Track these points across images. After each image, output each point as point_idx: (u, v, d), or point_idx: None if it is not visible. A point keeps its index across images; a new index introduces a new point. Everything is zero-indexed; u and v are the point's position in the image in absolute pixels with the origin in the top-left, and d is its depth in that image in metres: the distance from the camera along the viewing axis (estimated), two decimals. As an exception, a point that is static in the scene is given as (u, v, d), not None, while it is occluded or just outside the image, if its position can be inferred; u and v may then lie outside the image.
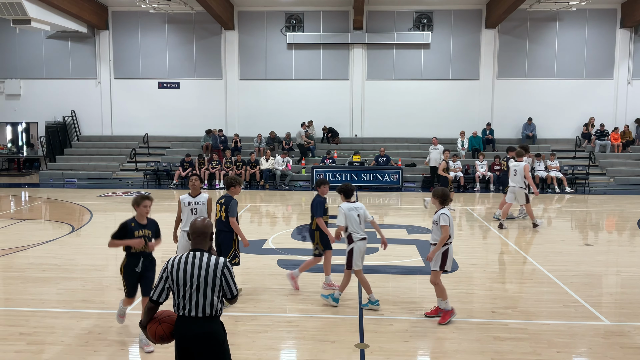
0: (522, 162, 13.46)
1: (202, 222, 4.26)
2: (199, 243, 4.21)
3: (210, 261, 4.09)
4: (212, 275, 4.04)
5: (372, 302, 7.56)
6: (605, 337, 6.66)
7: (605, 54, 24.50)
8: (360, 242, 7.60)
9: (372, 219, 7.85)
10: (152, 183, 22.33)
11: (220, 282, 4.07)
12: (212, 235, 4.29)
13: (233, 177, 8.47)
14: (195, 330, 4.04)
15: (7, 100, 26.25)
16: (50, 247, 11.29)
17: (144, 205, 6.83)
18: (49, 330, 6.74)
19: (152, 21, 25.44)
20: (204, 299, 4.04)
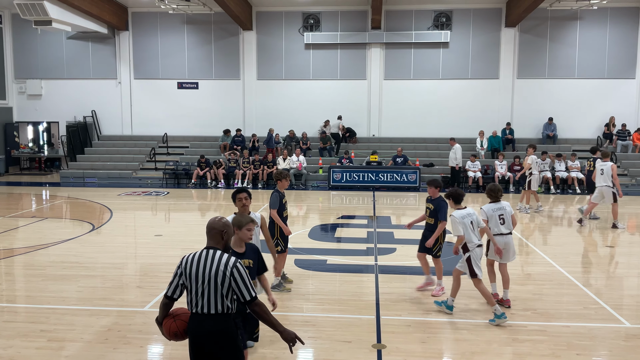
0: (608, 162, 13.79)
1: (217, 220, 4.24)
2: (213, 241, 4.20)
3: (222, 259, 4.05)
4: (221, 273, 4.01)
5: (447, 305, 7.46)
6: (626, 340, 6.57)
7: (627, 53, 24.13)
8: (477, 249, 7.35)
9: (485, 226, 7.64)
10: (171, 182, 22.50)
11: (229, 282, 4.02)
12: (225, 235, 4.21)
13: (279, 172, 8.51)
14: (207, 327, 4.05)
15: (29, 100, 26.64)
16: (71, 245, 11.43)
17: (247, 228, 5.25)
18: (69, 328, 6.83)
19: (171, 22, 25.63)
20: (215, 296, 4.02)
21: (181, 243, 11.39)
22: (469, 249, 7.30)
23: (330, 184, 21.40)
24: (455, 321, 7.14)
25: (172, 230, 13.35)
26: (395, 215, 15.47)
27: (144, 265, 9.96)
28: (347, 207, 17.52)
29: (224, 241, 4.21)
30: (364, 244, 11.71)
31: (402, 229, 13.43)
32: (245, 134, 24.68)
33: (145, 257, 10.65)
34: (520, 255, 10.74)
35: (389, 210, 16.51)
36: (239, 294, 4.03)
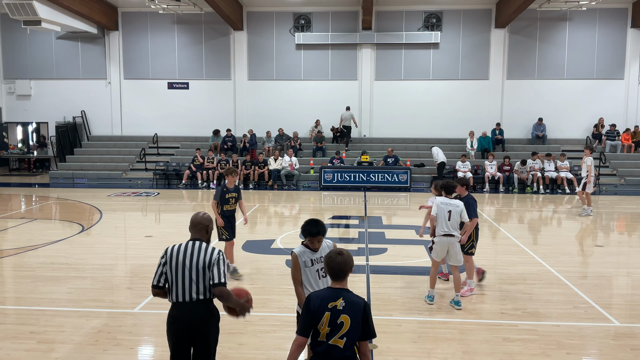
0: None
1: (202, 216, 4.65)
2: (197, 234, 4.59)
3: (208, 250, 4.44)
4: (208, 262, 4.38)
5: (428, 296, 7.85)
6: (616, 339, 6.62)
7: (616, 53, 24.32)
8: (443, 238, 7.72)
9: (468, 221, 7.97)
10: (162, 183, 22.41)
11: (208, 268, 4.38)
12: (208, 229, 4.62)
13: (227, 168, 9.03)
14: (196, 313, 4.37)
15: (18, 100, 26.45)
16: (61, 246, 11.36)
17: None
18: (58, 329, 6.78)
19: (161, 22, 25.54)
20: (197, 284, 4.36)
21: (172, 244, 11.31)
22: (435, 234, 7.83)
23: (322, 184, 21.40)
24: (447, 321, 7.16)
25: (162, 231, 13.30)
26: (386, 216, 15.50)
27: (134, 266, 9.92)
28: (339, 207, 17.53)
29: (208, 235, 4.63)
30: (355, 244, 11.71)
31: (393, 229, 13.48)
32: (236, 134, 24.64)
33: (136, 258, 10.60)
34: (511, 255, 10.80)
35: (380, 211, 16.53)
36: (212, 276, 4.37)
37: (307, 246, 4.95)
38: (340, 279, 3.84)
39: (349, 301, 3.75)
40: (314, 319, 3.74)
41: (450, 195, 7.94)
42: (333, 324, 3.71)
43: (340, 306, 3.73)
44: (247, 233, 13.03)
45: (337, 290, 3.82)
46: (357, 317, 3.72)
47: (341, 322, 3.70)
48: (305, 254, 4.95)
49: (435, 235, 7.86)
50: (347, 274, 3.85)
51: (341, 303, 3.74)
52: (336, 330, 3.71)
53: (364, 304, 3.77)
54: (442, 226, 7.73)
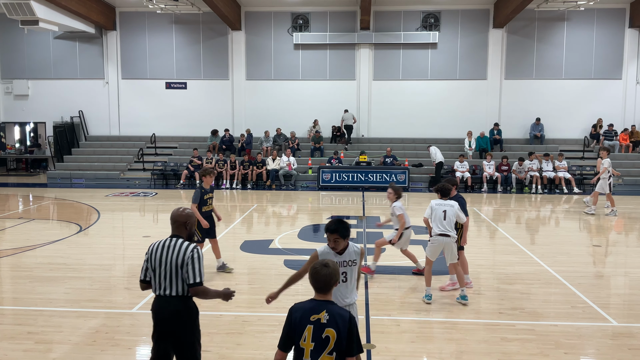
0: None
1: (181, 213, 4.65)
2: (177, 230, 4.62)
3: (183, 246, 4.48)
4: (181, 258, 4.42)
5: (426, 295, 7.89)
6: (613, 339, 6.62)
7: (614, 53, 24.37)
8: (438, 237, 7.82)
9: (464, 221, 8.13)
10: (160, 183, 22.40)
11: (183, 265, 4.41)
12: (188, 225, 4.63)
13: (204, 169, 9.12)
14: (169, 308, 4.43)
15: (16, 100, 26.41)
16: (58, 246, 11.34)
17: None
18: (56, 330, 6.77)
19: (159, 22, 25.52)
20: (176, 279, 4.43)
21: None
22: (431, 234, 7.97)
23: (320, 184, 21.40)
24: (445, 320, 7.17)
25: (160, 231, 13.27)
26: (384, 216, 15.48)
27: (132, 266, 9.90)
28: (337, 207, 17.53)
29: (187, 230, 4.64)
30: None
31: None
32: (234, 134, 24.63)
33: (133, 258, 10.58)
34: (509, 255, 10.80)
35: (378, 211, 16.53)
36: (188, 276, 4.40)
37: (333, 248, 4.81)
38: (325, 292, 3.66)
39: (334, 314, 3.56)
40: (294, 334, 3.57)
41: (446, 197, 8.03)
42: (317, 339, 3.51)
43: (324, 319, 3.53)
44: (245, 233, 13.03)
45: (321, 302, 3.63)
46: (344, 331, 3.52)
47: (327, 337, 3.51)
48: (328, 255, 4.76)
49: (432, 234, 7.93)
50: (332, 287, 3.68)
51: (325, 316, 3.54)
52: (323, 346, 3.51)
53: (350, 317, 3.60)
54: (437, 226, 7.81)
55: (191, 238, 4.67)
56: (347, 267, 4.81)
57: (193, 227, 4.69)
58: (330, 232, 4.76)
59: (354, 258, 4.83)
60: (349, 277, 4.83)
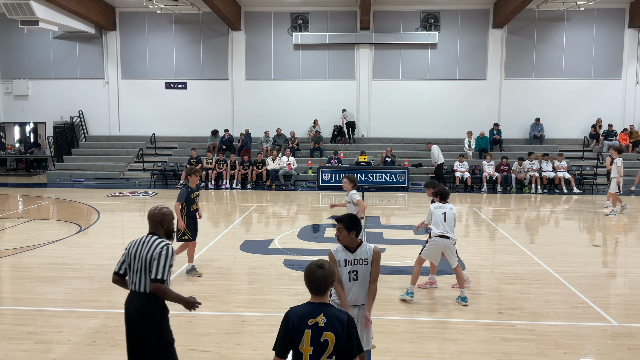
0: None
1: (156, 212, 4.67)
2: (153, 228, 4.64)
3: (155, 242, 4.50)
4: (151, 254, 4.43)
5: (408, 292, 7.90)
6: (613, 339, 6.62)
7: (613, 54, 24.37)
8: (437, 239, 7.82)
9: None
10: (159, 183, 22.40)
11: (151, 261, 4.43)
12: (164, 223, 4.64)
13: (190, 168, 9.26)
14: (136, 304, 4.46)
15: (15, 100, 26.41)
16: (58, 246, 11.34)
17: None
18: (56, 330, 6.77)
19: (159, 22, 25.52)
20: (145, 276, 4.44)
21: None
22: (430, 235, 7.99)
23: (320, 184, 21.40)
24: (444, 321, 7.17)
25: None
26: (384, 216, 15.50)
27: (132, 266, 9.89)
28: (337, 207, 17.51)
29: (164, 228, 4.65)
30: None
31: (391, 229, 13.49)
32: (234, 134, 24.63)
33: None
34: (508, 255, 10.81)
35: (378, 211, 16.53)
36: (151, 271, 4.40)
37: (346, 246, 4.86)
38: (321, 294, 3.58)
39: (332, 316, 3.49)
40: (292, 338, 3.49)
41: (445, 201, 8.09)
42: (316, 342, 3.45)
43: (322, 322, 3.47)
44: (245, 233, 13.04)
45: (318, 305, 3.56)
46: (343, 334, 3.47)
47: (325, 341, 3.45)
48: (341, 253, 4.85)
49: (431, 235, 7.96)
50: (328, 289, 3.60)
51: (322, 319, 3.48)
52: (321, 350, 3.46)
53: (348, 319, 3.53)
54: (438, 227, 7.83)
55: (170, 236, 4.68)
56: (359, 265, 4.83)
57: (171, 225, 4.69)
58: (337, 221, 4.86)
59: (366, 257, 4.83)
60: (360, 275, 4.84)
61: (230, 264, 10.03)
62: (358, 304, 4.87)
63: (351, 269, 4.79)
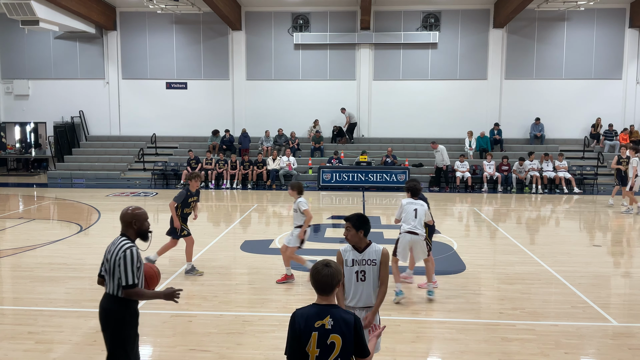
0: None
1: (127, 212, 4.57)
2: (124, 229, 4.55)
3: (120, 244, 4.41)
4: (115, 257, 4.34)
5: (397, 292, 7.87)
6: (614, 338, 6.62)
7: (614, 53, 24.36)
8: (406, 235, 7.83)
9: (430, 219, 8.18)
10: (160, 183, 22.40)
11: (115, 265, 4.34)
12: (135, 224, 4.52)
13: (190, 173, 9.33)
14: (102, 304, 4.45)
15: (16, 100, 26.42)
16: (59, 246, 11.34)
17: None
18: (57, 330, 6.77)
19: (159, 22, 25.52)
20: (112, 277, 4.38)
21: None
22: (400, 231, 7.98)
23: (320, 185, 21.40)
24: (445, 320, 7.17)
25: (160, 231, 13.24)
26: (384, 216, 15.50)
27: (133, 266, 9.89)
28: (337, 207, 17.54)
29: (135, 228, 4.54)
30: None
31: (392, 229, 13.48)
32: (234, 134, 24.63)
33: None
34: (509, 255, 10.81)
35: (379, 211, 16.54)
36: (120, 277, 4.31)
37: (354, 246, 4.84)
38: (327, 293, 3.53)
39: (338, 318, 3.45)
40: (300, 340, 3.44)
41: (416, 197, 8.09)
42: (322, 345, 3.41)
43: (328, 325, 3.43)
44: (245, 233, 13.04)
45: (324, 307, 3.51)
46: (349, 336, 3.43)
47: (332, 343, 3.41)
48: (349, 253, 4.83)
49: (400, 232, 7.95)
50: (334, 288, 3.54)
51: (329, 321, 3.43)
52: (328, 353, 3.42)
53: (355, 320, 3.49)
54: (408, 223, 7.84)
55: (144, 237, 4.61)
56: (367, 265, 4.81)
57: (143, 225, 4.57)
58: (346, 220, 4.84)
59: (374, 258, 4.81)
60: (367, 276, 4.81)
61: (230, 264, 10.04)
62: (367, 305, 4.84)
63: (359, 269, 4.77)
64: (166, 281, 8.77)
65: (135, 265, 4.34)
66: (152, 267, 4.76)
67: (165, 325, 6.94)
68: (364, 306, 4.84)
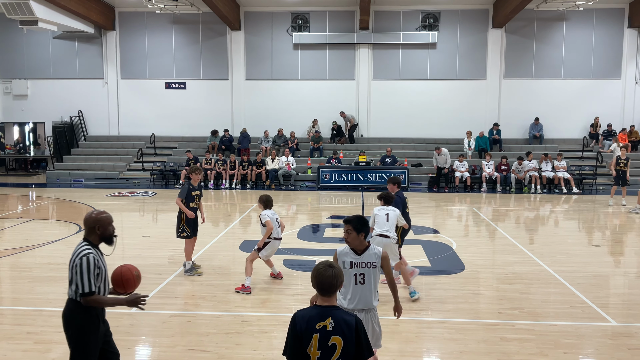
0: None
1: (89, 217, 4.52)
2: (87, 234, 4.51)
3: (77, 249, 4.38)
4: (72, 264, 4.34)
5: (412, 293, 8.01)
6: (613, 338, 6.63)
7: (613, 53, 24.37)
8: (377, 238, 7.86)
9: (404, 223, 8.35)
10: (159, 183, 22.39)
11: (72, 271, 4.32)
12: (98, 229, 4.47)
13: (191, 167, 9.41)
14: (64, 309, 4.44)
15: (15, 100, 26.39)
16: (58, 246, 11.34)
17: None
18: (56, 330, 6.76)
19: (158, 22, 25.51)
20: (70, 282, 4.36)
21: (169, 244, 11.33)
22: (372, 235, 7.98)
23: (319, 184, 21.40)
24: (444, 320, 7.17)
25: (159, 232, 13.27)
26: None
27: (132, 266, 9.89)
28: (336, 207, 17.54)
29: (99, 233, 4.49)
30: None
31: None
32: (234, 134, 24.62)
33: (133, 258, 10.56)
34: (508, 255, 10.81)
35: (378, 211, 16.52)
36: (77, 284, 4.29)
37: (353, 248, 4.82)
38: (330, 294, 3.52)
39: (339, 320, 3.44)
40: (301, 342, 3.43)
41: (389, 205, 8.25)
42: (324, 346, 3.40)
43: (329, 326, 3.41)
44: (244, 233, 13.04)
45: (325, 308, 3.50)
46: (351, 337, 3.42)
47: (333, 345, 3.39)
48: (347, 255, 4.80)
49: (372, 235, 7.96)
50: (337, 289, 3.55)
51: (330, 323, 3.42)
52: (329, 354, 3.41)
53: (356, 322, 3.48)
54: (380, 227, 7.92)
55: (109, 241, 4.55)
56: (366, 268, 4.79)
57: (107, 230, 4.50)
58: (345, 222, 4.82)
59: (374, 260, 4.80)
60: (367, 279, 4.79)
61: (229, 264, 10.04)
62: (365, 307, 4.81)
63: (357, 271, 4.74)
64: (165, 281, 8.77)
65: (92, 272, 4.29)
66: (131, 269, 4.67)
67: (165, 326, 6.94)
68: (363, 308, 4.83)
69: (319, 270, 3.53)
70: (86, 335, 4.37)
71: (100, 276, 4.40)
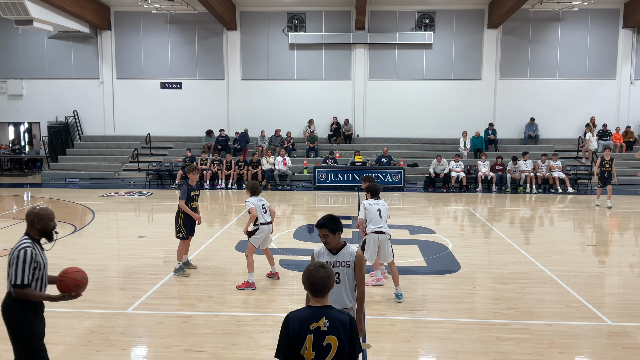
0: None
1: (30, 212, 4.60)
2: (28, 228, 4.59)
3: (16, 245, 4.45)
4: (10, 256, 4.42)
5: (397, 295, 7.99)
6: (608, 338, 6.65)
7: (608, 54, 24.45)
8: (373, 235, 7.93)
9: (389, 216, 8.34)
10: (155, 183, 22.35)
11: (9, 263, 4.39)
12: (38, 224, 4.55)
13: (189, 166, 9.53)
14: (2, 301, 4.51)
15: (10, 100, 26.30)
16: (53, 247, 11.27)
17: None
18: (51, 330, 6.71)
19: (154, 21, 25.46)
20: (8, 276, 4.42)
21: (164, 244, 11.31)
22: (366, 232, 8.08)
23: (315, 184, 21.40)
24: (440, 320, 7.18)
25: (155, 232, 13.25)
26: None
27: (127, 266, 9.88)
28: (332, 207, 17.54)
29: (39, 227, 4.57)
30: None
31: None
32: (229, 134, 24.60)
33: (129, 258, 10.56)
34: (503, 255, 10.83)
35: (374, 211, 16.52)
36: (11, 276, 4.36)
37: (325, 244, 4.80)
38: (322, 295, 3.51)
39: (334, 319, 3.43)
40: (294, 343, 3.41)
41: (376, 197, 8.27)
42: (318, 347, 3.39)
43: (324, 327, 3.40)
44: (240, 233, 13.02)
45: (319, 308, 3.49)
46: (345, 336, 3.41)
47: (328, 344, 3.38)
48: (323, 255, 4.79)
49: (367, 232, 8.05)
50: (329, 290, 3.53)
51: (325, 323, 3.41)
52: (324, 354, 3.40)
53: (350, 320, 3.49)
54: (375, 223, 7.96)
55: (49, 237, 4.64)
56: (341, 267, 4.77)
57: (47, 226, 4.61)
58: (319, 227, 4.76)
59: (348, 259, 4.78)
60: (342, 278, 4.76)
61: (225, 264, 10.02)
62: (342, 307, 4.77)
63: (334, 271, 4.69)
64: (160, 282, 8.76)
65: (28, 265, 4.38)
66: (80, 271, 4.75)
67: (160, 326, 6.93)
68: (340, 308, 4.82)
69: (311, 271, 3.51)
70: (28, 327, 4.50)
71: (38, 271, 4.49)
